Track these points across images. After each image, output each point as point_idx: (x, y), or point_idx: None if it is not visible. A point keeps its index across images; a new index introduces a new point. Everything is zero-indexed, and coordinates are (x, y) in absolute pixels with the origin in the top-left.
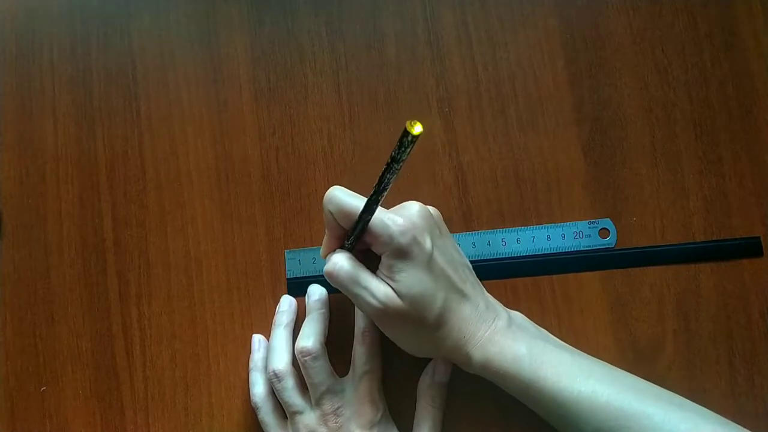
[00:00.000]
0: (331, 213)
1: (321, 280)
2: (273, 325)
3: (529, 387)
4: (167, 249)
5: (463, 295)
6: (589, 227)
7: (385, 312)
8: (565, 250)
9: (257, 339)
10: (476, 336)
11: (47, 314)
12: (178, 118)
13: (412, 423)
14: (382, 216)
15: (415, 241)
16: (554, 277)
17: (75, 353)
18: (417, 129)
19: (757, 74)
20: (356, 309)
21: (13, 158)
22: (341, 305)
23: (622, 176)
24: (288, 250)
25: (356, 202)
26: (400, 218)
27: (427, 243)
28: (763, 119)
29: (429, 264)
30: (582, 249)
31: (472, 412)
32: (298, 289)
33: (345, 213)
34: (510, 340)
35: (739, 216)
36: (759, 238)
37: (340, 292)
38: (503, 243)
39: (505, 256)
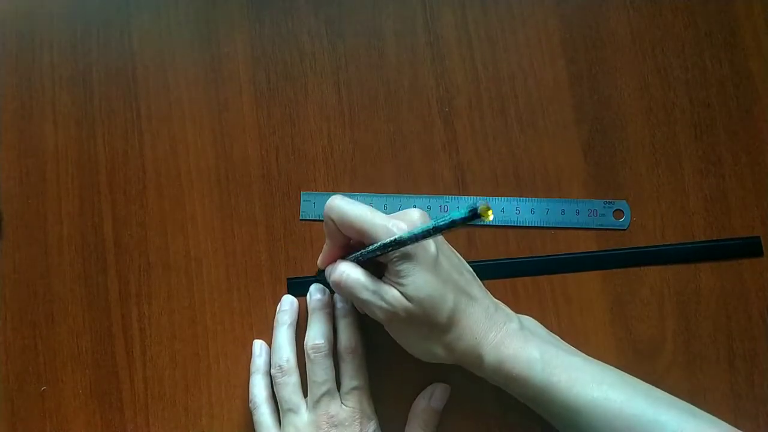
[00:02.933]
0: (332, 221)
1: (322, 279)
2: (275, 324)
3: (541, 392)
4: (167, 249)
5: (471, 297)
6: (604, 206)
7: (396, 315)
8: (578, 226)
9: (258, 344)
10: (488, 337)
11: (47, 314)
12: (178, 118)
13: None
14: (385, 222)
15: (420, 244)
16: (554, 277)
17: (75, 353)
18: (490, 216)
19: (757, 74)
20: (339, 326)
21: (13, 158)
22: None
23: (622, 176)
24: (304, 192)
25: (359, 210)
26: (402, 223)
27: (432, 246)
28: (763, 119)
29: (435, 266)
30: (594, 227)
31: (472, 412)
32: (298, 288)
33: (348, 222)
34: (522, 343)
35: (739, 216)
36: (759, 238)
37: None
38: (517, 211)
39: (520, 224)
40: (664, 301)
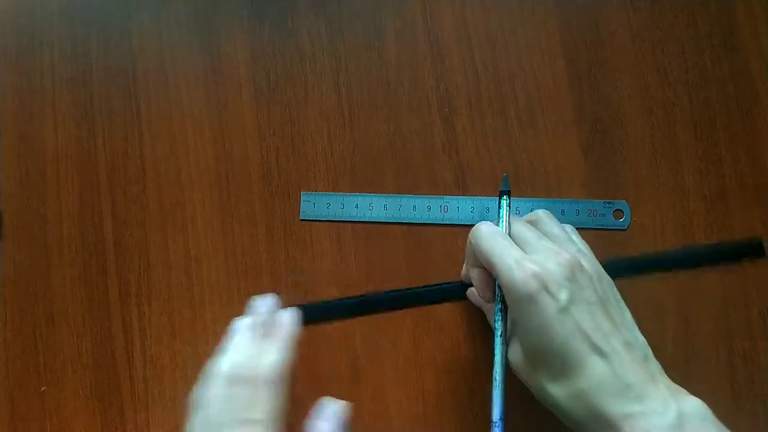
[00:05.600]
0: (471, 244)
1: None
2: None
3: None
4: (167, 249)
5: (601, 353)
6: (604, 206)
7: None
8: (578, 226)
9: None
10: (613, 413)
11: (47, 314)
12: (178, 118)
13: None
14: (510, 261)
15: (545, 289)
16: None
17: (75, 353)
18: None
19: (757, 74)
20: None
21: (13, 158)
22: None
23: (622, 176)
24: (304, 192)
25: (492, 243)
26: (532, 264)
27: (562, 295)
28: (763, 119)
29: (560, 317)
30: (594, 227)
31: (473, 413)
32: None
33: (478, 251)
34: None
35: (739, 216)
36: (760, 240)
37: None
38: (517, 211)
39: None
40: (664, 301)
